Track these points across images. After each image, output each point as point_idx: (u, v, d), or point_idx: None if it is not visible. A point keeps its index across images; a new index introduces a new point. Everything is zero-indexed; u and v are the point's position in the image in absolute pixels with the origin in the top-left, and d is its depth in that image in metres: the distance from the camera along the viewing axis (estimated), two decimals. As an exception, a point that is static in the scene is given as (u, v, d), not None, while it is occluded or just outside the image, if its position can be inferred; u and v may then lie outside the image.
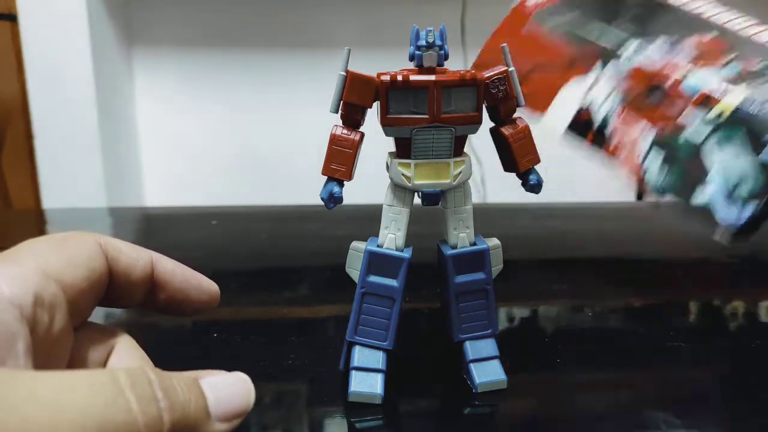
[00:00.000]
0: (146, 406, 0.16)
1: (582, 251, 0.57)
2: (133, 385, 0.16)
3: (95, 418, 0.15)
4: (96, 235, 0.22)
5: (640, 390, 0.32)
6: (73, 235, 0.21)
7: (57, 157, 1.24)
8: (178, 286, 0.24)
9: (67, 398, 0.15)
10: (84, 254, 0.21)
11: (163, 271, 0.24)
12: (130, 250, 0.23)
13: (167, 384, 0.17)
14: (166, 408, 0.17)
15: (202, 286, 0.25)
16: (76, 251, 0.21)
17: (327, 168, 0.29)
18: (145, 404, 0.16)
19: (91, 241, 0.22)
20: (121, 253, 0.22)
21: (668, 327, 0.39)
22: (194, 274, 0.25)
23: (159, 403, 0.17)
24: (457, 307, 0.31)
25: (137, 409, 0.16)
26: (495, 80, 0.29)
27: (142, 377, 0.17)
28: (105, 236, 0.22)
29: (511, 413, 0.31)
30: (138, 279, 0.23)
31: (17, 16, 1.16)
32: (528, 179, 0.31)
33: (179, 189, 1.50)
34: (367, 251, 0.30)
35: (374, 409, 0.29)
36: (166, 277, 0.24)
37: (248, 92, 1.46)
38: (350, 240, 0.31)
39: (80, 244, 0.21)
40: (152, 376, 0.17)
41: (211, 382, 0.19)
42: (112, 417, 0.15)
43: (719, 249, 0.59)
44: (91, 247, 0.21)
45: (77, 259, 0.20)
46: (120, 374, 0.16)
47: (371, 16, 1.44)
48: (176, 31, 1.42)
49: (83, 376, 0.16)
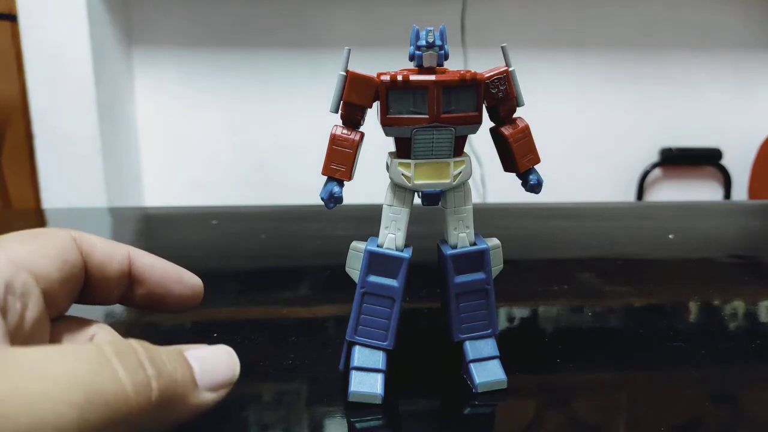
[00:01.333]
0: (134, 374, 0.16)
1: (582, 251, 0.57)
2: (119, 355, 0.16)
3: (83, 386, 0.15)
4: (69, 230, 0.22)
5: (640, 390, 0.32)
6: (44, 230, 0.21)
7: (57, 157, 1.24)
8: (158, 281, 0.24)
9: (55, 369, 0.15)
10: (55, 246, 0.21)
11: (141, 265, 0.24)
12: (104, 245, 0.23)
13: (153, 354, 0.17)
14: (154, 375, 0.17)
15: (183, 280, 0.25)
16: (47, 243, 0.21)
17: (327, 168, 0.29)
18: (132, 372, 0.16)
19: (64, 234, 0.21)
20: (95, 248, 0.22)
21: (668, 327, 0.39)
22: (175, 269, 0.25)
23: (146, 371, 0.17)
24: (457, 307, 0.31)
25: (125, 377, 0.16)
26: (495, 80, 0.29)
27: (128, 348, 0.17)
28: (79, 231, 0.22)
29: (511, 413, 0.31)
30: (114, 273, 0.23)
31: (17, 16, 1.16)
32: (528, 179, 0.31)
33: (179, 189, 1.50)
34: (367, 251, 0.30)
35: (374, 409, 0.29)
36: (144, 271, 0.24)
37: (248, 92, 1.46)
38: (350, 240, 0.31)
39: (52, 237, 0.21)
40: (137, 346, 0.17)
41: (196, 354, 0.19)
42: (100, 385, 0.15)
43: (719, 249, 0.60)
44: (64, 240, 0.21)
45: (48, 251, 0.20)
46: (104, 346, 0.17)
47: (371, 16, 1.44)
48: (176, 31, 1.42)
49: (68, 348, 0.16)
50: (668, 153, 1.61)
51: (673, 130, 1.62)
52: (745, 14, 1.56)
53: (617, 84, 1.57)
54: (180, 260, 0.27)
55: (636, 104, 1.59)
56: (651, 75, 1.57)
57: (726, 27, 1.57)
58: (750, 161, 1.63)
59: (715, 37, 1.57)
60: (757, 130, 1.61)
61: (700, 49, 1.58)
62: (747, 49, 1.59)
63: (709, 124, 1.62)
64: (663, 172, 1.66)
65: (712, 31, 1.57)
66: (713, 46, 1.58)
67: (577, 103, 1.57)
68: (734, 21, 1.57)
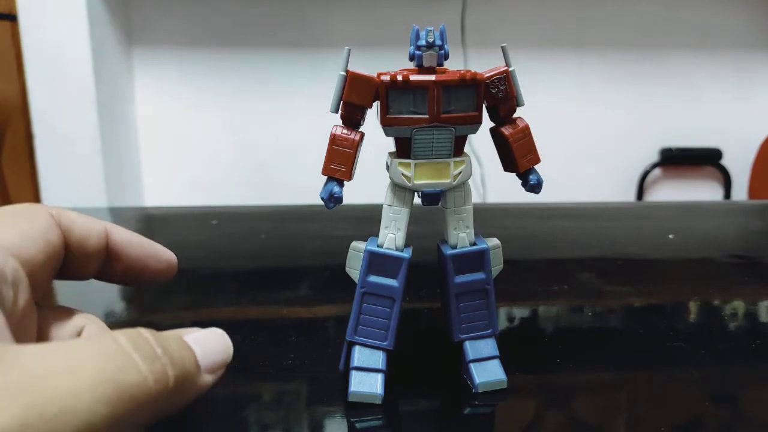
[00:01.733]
0: (152, 365, 0.17)
1: (582, 251, 0.57)
2: (136, 347, 0.17)
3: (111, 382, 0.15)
4: (47, 207, 0.22)
5: (640, 390, 0.32)
6: (24, 208, 0.21)
7: (57, 157, 1.24)
8: (135, 256, 0.24)
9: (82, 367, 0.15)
10: (38, 227, 0.20)
11: (118, 240, 0.24)
12: (83, 221, 0.23)
13: (164, 342, 0.18)
14: (168, 364, 0.17)
15: (160, 255, 0.25)
16: (30, 224, 0.20)
17: (327, 168, 0.29)
18: (150, 363, 0.17)
19: (43, 212, 0.21)
20: (75, 224, 0.22)
21: (668, 327, 0.39)
22: (151, 244, 0.25)
23: (161, 360, 0.17)
24: (457, 307, 0.31)
25: (145, 368, 0.17)
26: (495, 80, 0.29)
27: (141, 338, 0.17)
28: (56, 207, 0.22)
29: (511, 413, 0.31)
30: (93, 249, 0.23)
31: (17, 16, 1.16)
32: (528, 179, 0.31)
33: (179, 189, 1.50)
34: (367, 251, 0.30)
35: (374, 409, 0.29)
36: (122, 246, 0.24)
37: (248, 92, 1.46)
38: (350, 240, 0.31)
39: (33, 217, 0.21)
40: (148, 335, 0.18)
41: (195, 337, 0.20)
42: (125, 379, 0.16)
43: (719, 249, 0.60)
44: (45, 219, 0.21)
45: (32, 233, 0.20)
46: (120, 338, 0.17)
47: (371, 16, 1.44)
48: (176, 31, 1.42)
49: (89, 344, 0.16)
50: (668, 153, 1.61)
51: (673, 130, 1.62)
52: (745, 14, 1.56)
53: (617, 84, 1.57)
54: (180, 260, 0.27)
55: (636, 104, 1.59)
56: (651, 75, 1.57)
57: (726, 27, 1.57)
58: (750, 161, 1.63)
59: (715, 37, 1.57)
60: (757, 130, 1.61)
61: (700, 49, 1.58)
62: (747, 49, 1.59)
63: (709, 124, 1.62)
64: (663, 172, 1.66)
65: (712, 31, 1.57)
66: (713, 46, 1.58)
67: (577, 103, 1.56)
68: (734, 21, 1.57)
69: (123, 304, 0.43)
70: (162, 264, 0.25)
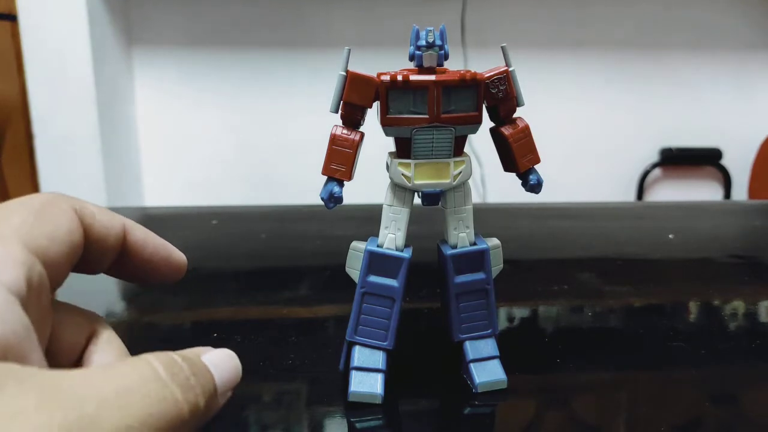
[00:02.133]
0: (187, 394, 0.17)
1: (582, 251, 0.57)
2: (173, 376, 0.17)
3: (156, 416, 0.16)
4: (71, 200, 0.21)
5: (640, 390, 0.32)
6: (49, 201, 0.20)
7: (57, 157, 1.24)
8: (148, 257, 0.24)
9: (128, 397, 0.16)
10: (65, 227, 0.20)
11: (134, 240, 0.23)
12: (103, 217, 0.22)
13: (195, 369, 0.18)
14: (201, 393, 0.18)
15: (171, 258, 0.25)
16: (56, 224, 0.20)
17: (327, 168, 0.29)
18: (186, 393, 0.17)
19: (69, 209, 0.21)
20: (95, 220, 0.22)
21: (668, 327, 0.39)
22: (165, 245, 0.25)
23: (195, 389, 0.18)
24: (457, 307, 0.31)
25: (182, 398, 0.17)
26: (495, 80, 0.29)
27: (176, 365, 0.18)
28: (78, 200, 0.21)
29: (511, 413, 0.31)
30: (110, 247, 0.22)
31: (17, 16, 1.16)
32: (528, 179, 0.31)
33: (179, 189, 1.50)
34: (367, 251, 0.30)
35: (374, 409, 0.29)
36: (137, 245, 0.23)
37: (248, 92, 1.46)
38: (350, 240, 0.31)
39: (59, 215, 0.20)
40: (180, 361, 0.18)
41: (211, 359, 0.20)
42: (166, 411, 0.16)
43: (719, 249, 0.60)
44: (70, 217, 0.20)
45: (59, 233, 0.20)
46: (157, 365, 0.17)
47: (371, 16, 1.44)
48: (176, 31, 1.42)
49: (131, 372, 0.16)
50: (668, 153, 1.61)
51: (673, 130, 1.62)
52: (745, 14, 1.56)
53: (617, 84, 1.57)
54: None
55: (636, 104, 1.59)
56: (651, 75, 1.57)
57: (726, 27, 1.57)
58: (750, 161, 1.63)
59: (715, 37, 1.57)
60: (757, 130, 1.61)
61: (700, 49, 1.58)
62: (747, 49, 1.59)
63: (709, 124, 1.62)
64: (663, 172, 1.66)
65: (712, 31, 1.57)
66: (713, 46, 1.58)
67: (577, 103, 1.56)
68: (734, 21, 1.57)
69: (123, 304, 0.43)
70: (172, 266, 0.25)
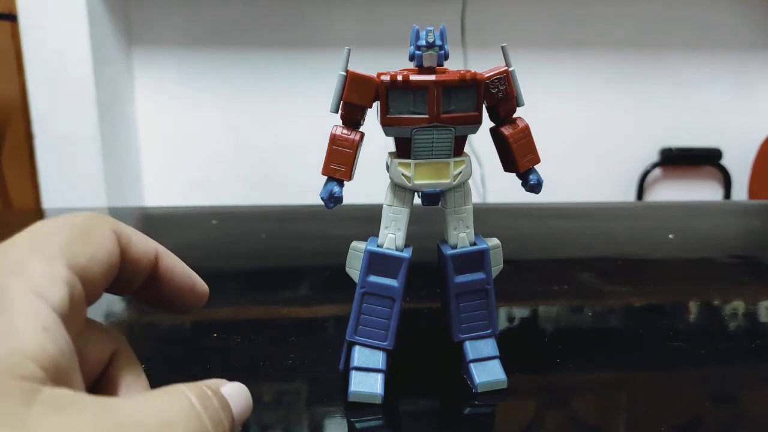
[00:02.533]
0: (216, 428, 0.18)
1: (582, 251, 0.57)
2: (206, 409, 0.18)
3: None
4: (111, 221, 0.21)
5: (640, 390, 0.32)
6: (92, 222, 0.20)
7: (57, 157, 1.24)
8: (175, 285, 0.24)
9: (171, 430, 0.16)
10: (105, 248, 0.20)
11: (165, 267, 0.23)
12: (139, 242, 0.22)
13: (222, 402, 0.19)
14: (228, 427, 0.19)
15: (195, 288, 0.25)
16: (98, 245, 0.20)
17: (327, 168, 0.29)
18: (216, 427, 0.18)
19: (110, 231, 0.21)
20: (131, 245, 0.22)
21: (668, 327, 0.39)
22: (190, 274, 0.25)
23: (224, 424, 0.18)
24: (457, 307, 0.31)
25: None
26: (495, 80, 0.29)
27: (207, 398, 0.18)
28: (117, 222, 0.22)
29: (511, 413, 0.31)
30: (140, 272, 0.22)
31: (17, 16, 1.16)
32: (528, 179, 0.31)
33: (179, 189, 1.50)
34: (367, 251, 0.30)
35: (374, 409, 0.29)
36: (166, 272, 0.23)
37: (248, 92, 1.46)
38: (350, 240, 0.31)
39: (101, 237, 0.20)
40: (210, 394, 0.19)
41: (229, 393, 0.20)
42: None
43: (719, 249, 0.60)
44: (111, 239, 0.20)
45: (99, 255, 0.20)
46: (192, 398, 0.18)
47: (371, 16, 1.44)
48: (176, 31, 1.42)
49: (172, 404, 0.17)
50: (668, 153, 1.61)
51: (673, 130, 1.62)
52: (745, 14, 1.56)
53: (617, 84, 1.57)
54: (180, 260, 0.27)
55: (636, 104, 1.59)
56: (651, 75, 1.57)
57: (726, 27, 1.57)
58: (750, 161, 1.63)
59: (715, 37, 1.57)
60: (757, 130, 1.61)
61: (700, 49, 1.58)
62: (747, 49, 1.59)
63: (709, 124, 1.62)
64: (663, 172, 1.66)
65: (712, 31, 1.57)
66: (713, 46, 1.58)
67: (577, 103, 1.56)
68: (734, 21, 1.57)
69: (123, 304, 0.43)
70: (196, 294, 0.25)
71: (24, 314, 0.16)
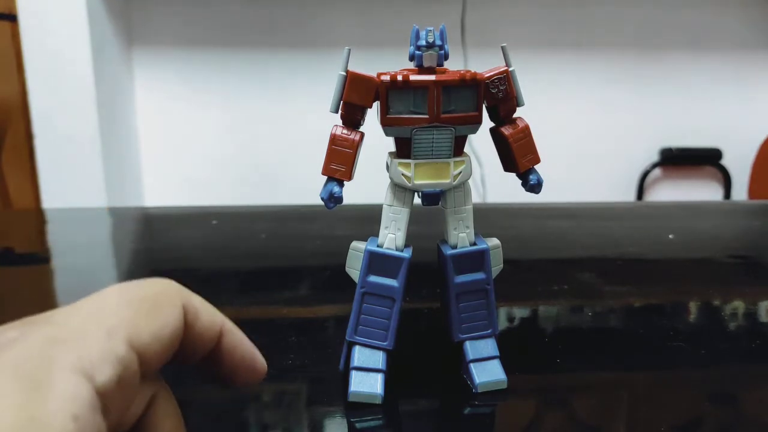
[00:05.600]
0: None
1: (582, 251, 0.57)
2: None
3: None
4: (182, 295, 0.20)
5: (640, 390, 0.32)
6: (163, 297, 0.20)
7: (57, 157, 1.24)
8: (236, 362, 0.23)
9: None
10: (171, 326, 0.19)
11: (228, 344, 0.22)
12: (206, 316, 0.21)
13: None
14: None
15: (255, 366, 0.23)
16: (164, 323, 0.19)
17: (327, 168, 0.29)
18: None
19: (179, 306, 0.20)
20: (197, 319, 0.21)
21: (668, 327, 0.39)
22: (252, 352, 0.23)
23: None
24: (457, 307, 0.31)
25: None
26: (495, 80, 0.29)
27: None
28: (189, 295, 0.21)
29: (511, 413, 0.31)
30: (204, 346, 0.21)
31: (17, 16, 1.16)
32: (528, 179, 0.31)
33: (179, 189, 1.50)
34: (367, 251, 0.30)
35: (374, 409, 0.29)
36: (228, 350, 0.22)
37: (248, 92, 1.46)
38: (350, 240, 0.31)
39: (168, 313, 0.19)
40: None
41: None
42: None
43: (719, 249, 0.60)
44: (178, 318, 0.20)
45: (164, 333, 0.19)
46: None
47: (371, 16, 1.44)
48: (176, 31, 1.42)
49: None
50: (668, 153, 1.61)
51: (673, 130, 1.62)
52: (744, 14, 1.56)
53: (617, 84, 1.57)
54: (180, 260, 0.27)
55: (636, 104, 1.59)
56: (651, 75, 1.57)
57: (725, 27, 1.57)
58: (750, 161, 1.63)
59: (715, 37, 1.57)
60: (757, 130, 1.61)
61: (700, 49, 1.58)
62: (747, 49, 1.59)
63: (709, 124, 1.62)
64: (663, 172, 1.66)
65: (711, 32, 1.57)
66: (713, 46, 1.58)
67: (577, 103, 1.56)
68: (734, 21, 1.57)
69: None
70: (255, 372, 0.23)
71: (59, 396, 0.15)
